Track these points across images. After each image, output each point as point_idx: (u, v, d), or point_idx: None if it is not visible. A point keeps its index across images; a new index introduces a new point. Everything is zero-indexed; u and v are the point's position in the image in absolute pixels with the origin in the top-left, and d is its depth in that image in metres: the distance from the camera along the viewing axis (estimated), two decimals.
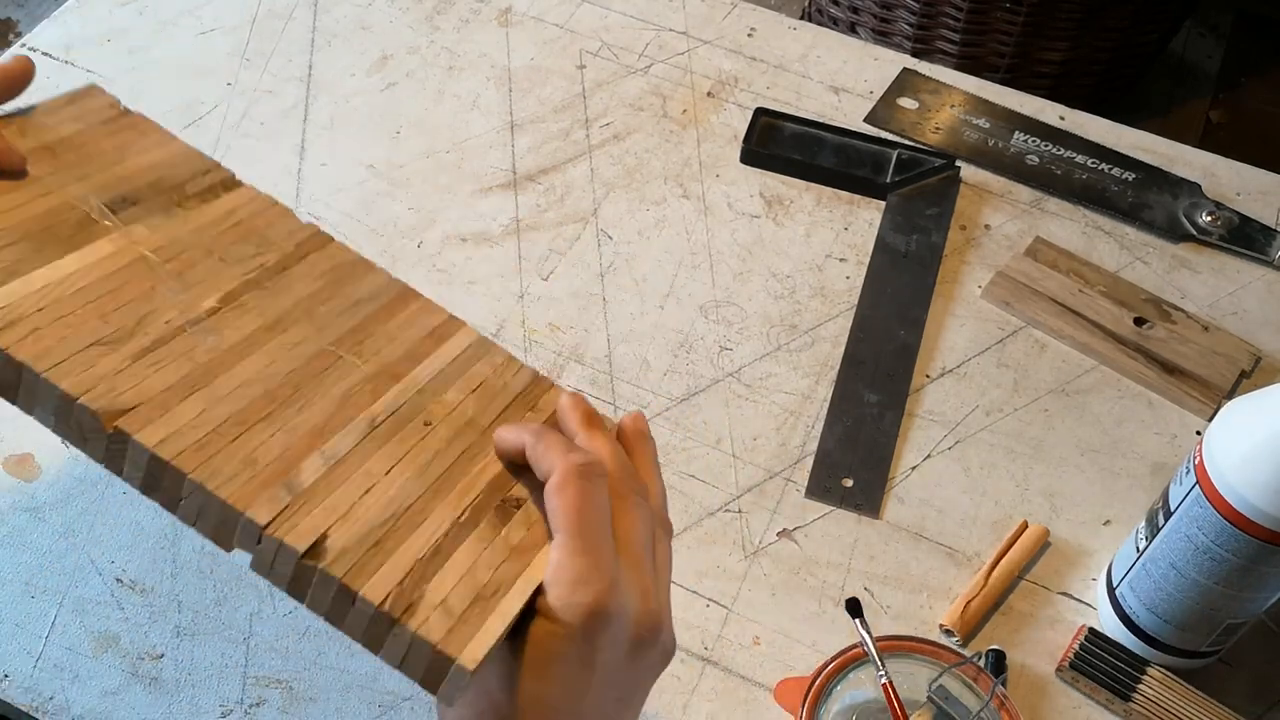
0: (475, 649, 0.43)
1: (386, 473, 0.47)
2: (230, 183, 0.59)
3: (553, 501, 0.46)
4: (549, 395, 0.55)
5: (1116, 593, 0.70)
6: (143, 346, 0.48)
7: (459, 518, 0.47)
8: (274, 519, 0.44)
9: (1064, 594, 0.73)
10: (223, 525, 0.44)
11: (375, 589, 0.43)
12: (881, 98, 0.99)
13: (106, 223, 0.52)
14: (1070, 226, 0.91)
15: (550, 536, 0.46)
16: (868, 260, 0.89)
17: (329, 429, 0.48)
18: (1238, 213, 0.92)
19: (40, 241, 0.50)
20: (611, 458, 0.49)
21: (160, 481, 0.44)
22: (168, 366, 0.47)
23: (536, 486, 0.48)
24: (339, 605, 0.43)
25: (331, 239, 0.58)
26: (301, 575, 0.43)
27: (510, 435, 0.50)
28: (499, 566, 0.46)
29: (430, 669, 0.43)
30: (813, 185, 0.93)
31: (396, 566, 0.44)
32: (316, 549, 0.43)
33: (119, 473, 0.45)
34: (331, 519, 0.45)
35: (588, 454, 0.47)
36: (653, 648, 0.47)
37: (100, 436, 0.45)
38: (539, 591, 0.45)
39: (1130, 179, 0.94)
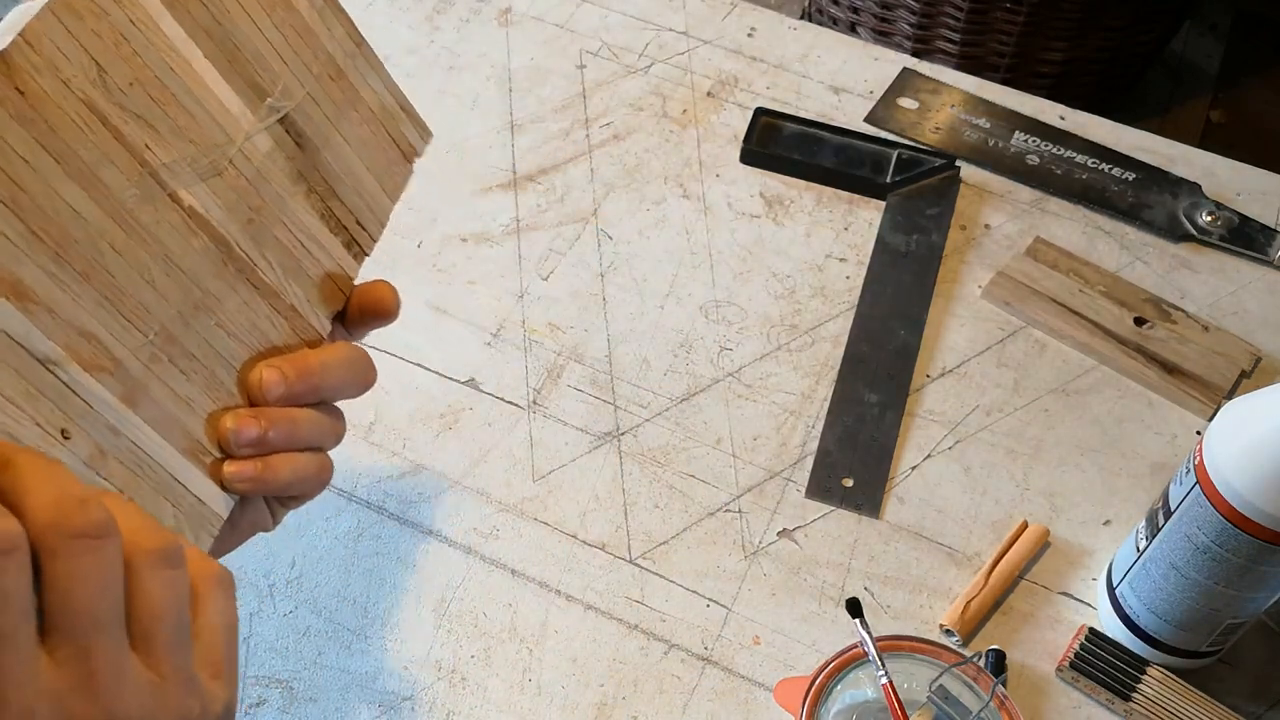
0: None
1: None
2: None
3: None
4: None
5: (1116, 592, 0.70)
6: None
7: None
8: None
9: (1064, 594, 0.73)
10: None
11: None
12: (881, 98, 0.99)
13: None
14: (1070, 226, 0.91)
15: None
16: (868, 260, 0.89)
17: None
18: (1238, 213, 0.92)
19: None
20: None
21: None
22: None
23: None
24: None
25: None
26: None
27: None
28: None
29: None
30: (813, 185, 0.93)
31: None
32: None
33: None
34: None
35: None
36: None
37: None
38: None
39: (1130, 179, 0.94)
